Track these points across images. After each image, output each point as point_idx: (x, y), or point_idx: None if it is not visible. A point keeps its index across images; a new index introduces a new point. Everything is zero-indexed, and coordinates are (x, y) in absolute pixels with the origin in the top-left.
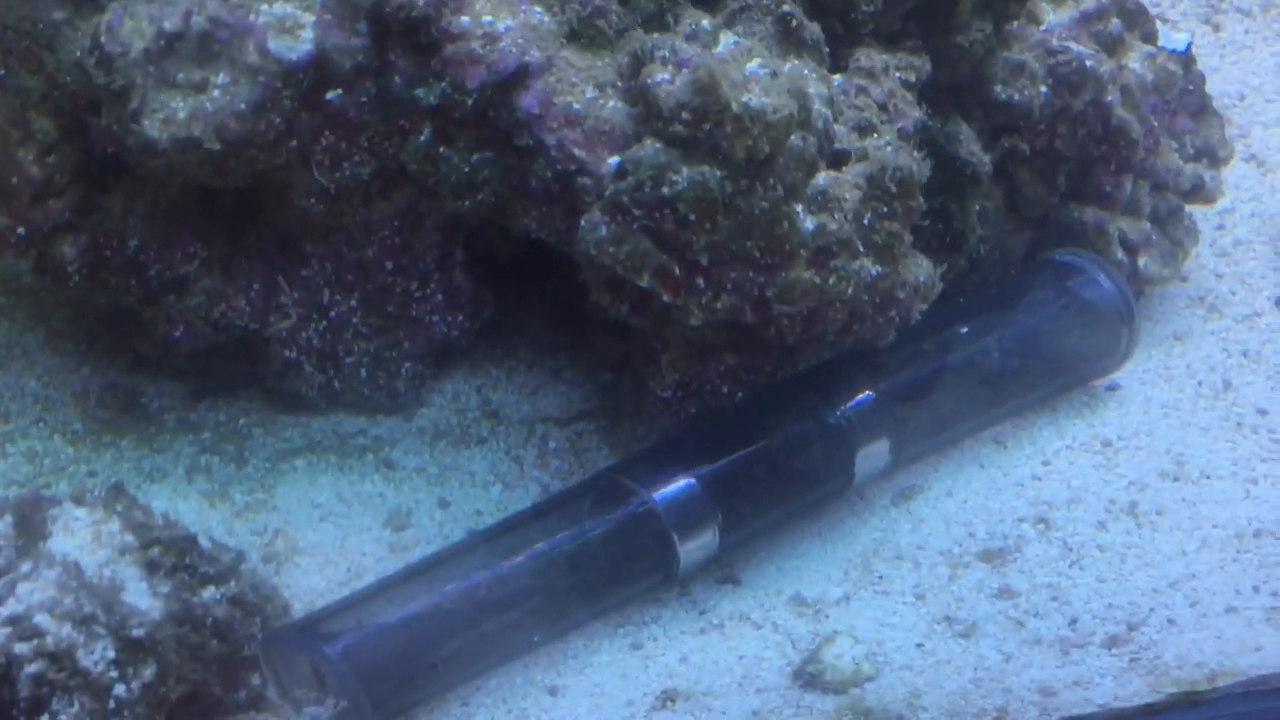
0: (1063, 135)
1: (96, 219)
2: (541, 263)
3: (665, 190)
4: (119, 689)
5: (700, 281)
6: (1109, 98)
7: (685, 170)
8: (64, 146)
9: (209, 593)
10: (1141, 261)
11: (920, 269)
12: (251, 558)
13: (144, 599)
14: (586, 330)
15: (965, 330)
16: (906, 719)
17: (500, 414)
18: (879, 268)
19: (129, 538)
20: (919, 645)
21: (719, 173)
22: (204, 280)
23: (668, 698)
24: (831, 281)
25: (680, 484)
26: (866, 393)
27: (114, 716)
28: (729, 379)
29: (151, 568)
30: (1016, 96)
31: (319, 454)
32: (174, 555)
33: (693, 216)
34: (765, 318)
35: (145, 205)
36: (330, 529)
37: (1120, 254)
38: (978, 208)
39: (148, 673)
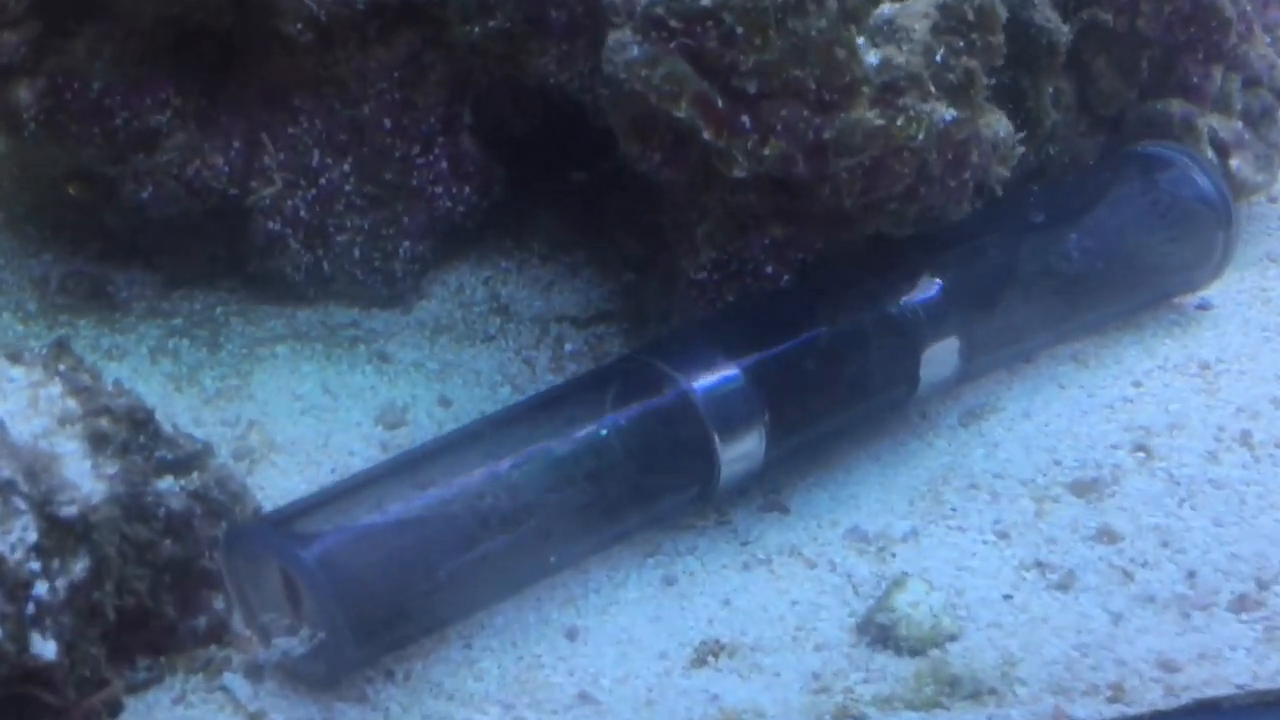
0: (1146, 14)
1: (57, 60)
2: (559, 148)
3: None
4: (40, 588)
5: (746, 119)
6: None
7: None
8: None
9: (165, 482)
10: (1234, 163)
11: (999, 123)
12: (221, 452)
13: (85, 479)
14: (608, 223)
15: (1041, 219)
16: (1001, 694)
17: (510, 310)
18: (953, 112)
19: (71, 403)
20: (1007, 597)
21: None
22: (177, 134)
23: (709, 650)
24: (899, 124)
25: (723, 373)
26: (934, 281)
27: (33, 626)
28: (774, 256)
29: (97, 443)
30: None
31: (303, 341)
32: (125, 430)
33: (740, 30)
34: (820, 171)
35: (113, 47)
36: (313, 423)
37: (1210, 153)
38: (1051, 90)
39: (79, 568)
